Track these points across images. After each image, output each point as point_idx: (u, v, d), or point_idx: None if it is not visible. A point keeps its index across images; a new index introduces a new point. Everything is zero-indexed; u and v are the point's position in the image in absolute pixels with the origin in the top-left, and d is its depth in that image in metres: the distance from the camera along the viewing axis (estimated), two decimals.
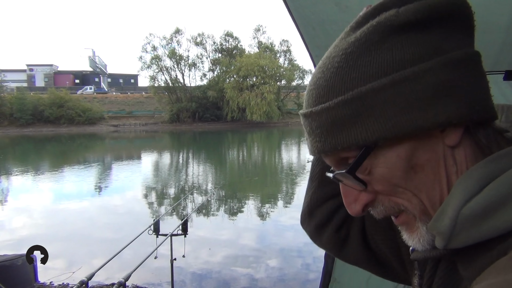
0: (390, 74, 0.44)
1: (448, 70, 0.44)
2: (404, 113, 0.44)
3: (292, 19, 1.33)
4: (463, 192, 0.43)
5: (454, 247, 0.44)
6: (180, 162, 22.22)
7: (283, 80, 52.04)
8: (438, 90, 0.44)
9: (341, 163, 0.51)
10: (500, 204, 0.41)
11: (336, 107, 0.47)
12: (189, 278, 5.84)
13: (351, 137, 0.46)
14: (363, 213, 0.52)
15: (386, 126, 0.44)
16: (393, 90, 0.44)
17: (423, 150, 0.46)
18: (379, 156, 0.47)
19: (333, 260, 2.03)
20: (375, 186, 0.49)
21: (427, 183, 0.47)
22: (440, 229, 0.45)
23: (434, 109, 0.43)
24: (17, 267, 4.55)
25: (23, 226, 9.10)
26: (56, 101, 49.14)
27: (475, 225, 0.42)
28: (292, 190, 13.15)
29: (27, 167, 19.71)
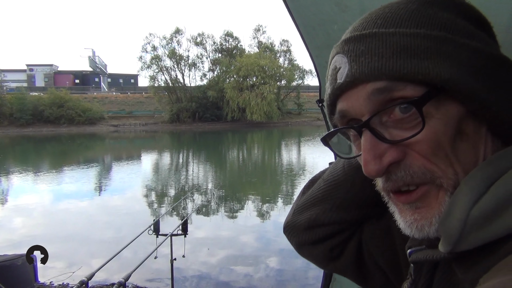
0: (470, 38, 0.46)
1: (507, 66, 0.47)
2: (486, 84, 0.44)
3: (292, 19, 1.33)
4: (471, 192, 0.42)
5: (460, 250, 0.42)
6: (180, 162, 22.22)
7: (283, 80, 52.02)
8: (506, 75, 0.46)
9: (385, 100, 0.45)
10: (508, 203, 0.40)
11: (417, 35, 0.45)
12: (189, 278, 5.84)
13: (423, 66, 0.43)
14: (382, 174, 0.46)
15: (461, 71, 0.43)
16: (473, 52, 0.45)
17: (472, 120, 0.45)
18: (440, 105, 0.44)
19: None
20: (415, 142, 0.44)
21: (467, 155, 0.45)
22: (449, 232, 0.43)
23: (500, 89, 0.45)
24: (17, 267, 4.55)
25: (23, 226, 9.10)
26: (56, 101, 49.13)
27: (484, 225, 0.41)
28: (292, 190, 13.15)
29: (27, 167, 19.71)
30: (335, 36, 1.48)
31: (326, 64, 0.56)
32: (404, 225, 0.48)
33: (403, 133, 0.45)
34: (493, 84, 0.44)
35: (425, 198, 0.46)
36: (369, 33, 0.46)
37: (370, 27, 0.47)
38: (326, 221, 0.71)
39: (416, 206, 0.47)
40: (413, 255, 0.51)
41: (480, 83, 0.43)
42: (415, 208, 0.47)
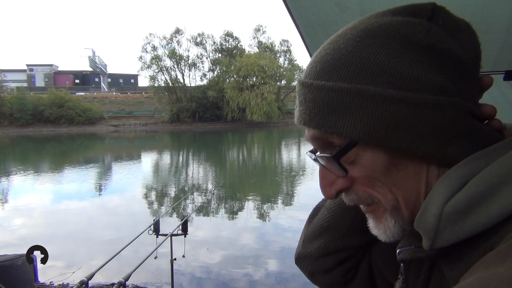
0: (405, 90, 0.44)
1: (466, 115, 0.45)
2: (407, 134, 0.44)
3: (292, 20, 1.33)
4: (445, 190, 0.44)
5: (439, 246, 0.44)
6: (180, 162, 22.22)
7: (283, 80, 52.07)
8: (452, 129, 0.45)
9: (323, 144, 0.51)
10: (481, 199, 0.42)
11: (338, 90, 0.46)
12: (189, 278, 5.84)
13: (341, 125, 0.46)
14: (335, 197, 0.53)
15: (385, 136, 0.45)
16: (405, 109, 0.44)
17: (407, 154, 0.47)
18: (367, 149, 0.47)
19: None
20: (355, 175, 0.50)
21: (406, 182, 0.48)
22: (425, 228, 0.45)
23: (440, 146, 0.45)
24: (17, 267, 4.55)
25: (23, 226, 9.10)
26: (56, 101, 49.17)
27: (458, 221, 0.43)
28: (292, 190, 13.15)
29: (27, 167, 19.71)
30: None
31: None
32: (371, 227, 0.55)
33: (346, 167, 0.49)
34: (423, 134, 0.45)
35: (376, 212, 0.53)
36: (308, 83, 0.50)
37: (311, 76, 0.50)
38: (336, 248, 0.73)
39: (372, 217, 0.54)
40: (401, 254, 0.53)
41: (403, 136, 0.45)
42: (372, 217, 0.54)
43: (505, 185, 0.41)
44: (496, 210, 0.41)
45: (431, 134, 0.45)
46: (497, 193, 0.41)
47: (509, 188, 0.41)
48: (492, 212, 0.41)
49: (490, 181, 0.42)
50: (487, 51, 1.49)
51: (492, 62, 1.64)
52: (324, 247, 0.74)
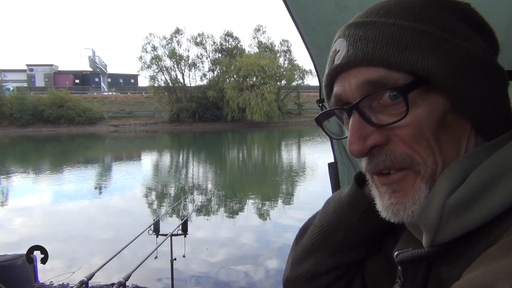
0: (475, 47, 0.48)
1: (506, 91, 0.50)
2: (472, 85, 0.46)
3: (292, 19, 1.33)
4: (447, 183, 0.44)
5: (441, 241, 0.44)
6: (180, 162, 22.22)
7: (283, 80, 52.04)
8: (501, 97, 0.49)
9: (376, 88, 0.48)
10: (482, 191, 0.42)
11: (413, 29, 0.47)
12: (189, 278, 5.84)
13: (415, 59, 0.45)
14: (364, 154, 0.49)
15: (455, 80, 0.46)
16: (474, 61, 0.47)
17: (457, 116, 0.47)
18: (425, 96, 0.46)
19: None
20: (399, 128, 0.47)
21: (449, 148, 0.47)
22: (427, 221, 0.45)
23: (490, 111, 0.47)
24: (17, 267, 4.55)
25: (23, 226, 9.10)
26: (56, 101, 49.15)
27: (461, 214, 0.43)
28: (292, 190, 13.15)
29: (27, 167, 19.71)
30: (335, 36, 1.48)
31: (326, 64, 0.58)
32: (382, 208, 0.51)
33: (389, 118, 0.47)
34: (479, 86, 0.46)
35: (402, 182, 0.48)
36: (370, 21, 0.49)
37: (373, 16, 0.50)
38: (327, 268, 0.68)
39: (393, 190, 0.49)
40: (399, 256, 0.52)
41: (466, 83, 0.46)
42: (391, 191, 0.49)
43: (505, 175, 0.41)
44: (498, 200, 0.41)
45: (488, 95, 0.47)
46: (497, 184, 0.41)
47: (509, 178, 0.41)
48: (493, 203, 0.41)
49: (490, 172, 0.42)
50: None
51: None
52: (315, 268, 0.69)
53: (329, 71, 0.54)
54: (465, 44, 0.47)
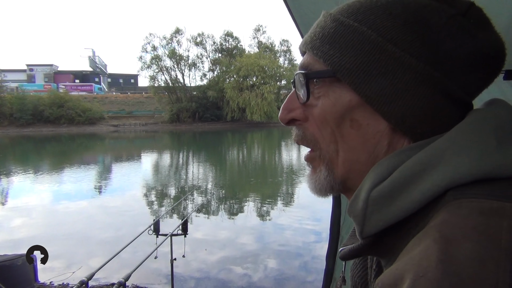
0: (396, 46, 0.46)
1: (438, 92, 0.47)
2: (381, 85, 0.47)
3: (292, 19, 1.33)
4: (374, 177, 0.46)
5: (369, 233, 0.45)
6: (180, 162, 22.22)
7: (283, 80, 52.05)
8: (422, 99, 0.46)
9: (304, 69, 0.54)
10: (403, 185, 0.43)
11: (347, 26, 0.49)
12: (189, 278, 5.84)
13: (332, 53, 0.49)
14: (287, 124, 0.55)
15: (363, 78, 0.47)
16: (388, 61, 0.47)
17: (370, 114, 0.49)
18: (335, 89, 0.50)
19: (334, 260, 2.03)
20: (313, 111, 0.52)
21: (354, 141, 0.50)
22: (355, 212, 0.47)
23: (404, 110, 0.47)
24: (17, 267, 4.54)
25: (23, 226, 9.10)
26: (56, 101, 49.16)
27: (383, 207, 0.44)
28: (292, 190, 13.15)
29: (27, 167, 19.71)
30: None
31: None
32: (307, 178, 0.56)
33: (310, 100, 0.52)
34: (393, 88, 0.46)
35: (313, 161, 0.54)
36: (328, 13, 0.53)
37: (335, 10, 0.54)
38: None
39: (310, 166, 0.56)
40: (341, 252, 0.54)
41: (377, 84, 0.47)
42: (311, 168, 0.56)
43: (425, 172, 0.42)
44: (417, 195, 0.41)
45: (401, 95, 0.46)
46: (418, 180, 0.42)
47: (429, 174, 0.42)
48: (413, 197, 0.42)
49: (412, 169, 0.43)
50: None
51: None
52: None
53: None
54: (395, 50, 0.46)
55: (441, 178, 0.41)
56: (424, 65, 0.45)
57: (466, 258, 0.32)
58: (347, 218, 2.06)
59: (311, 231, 8.04)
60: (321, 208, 9.39)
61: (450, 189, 0.40)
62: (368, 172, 0.48)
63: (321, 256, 6.36)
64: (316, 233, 7.85)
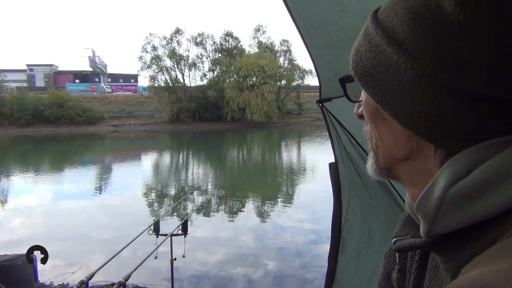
0: (398, 46, 0.44)
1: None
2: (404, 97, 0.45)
3: (292, 19, 1.33)
4: (450, 174, 0.43)
5: (438, 232, 0.43)
6: (180, 162, 22.22)
7: (283, 80, 52.02)
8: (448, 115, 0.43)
9: None
10: (486, 187, 0.40)
11: (376, 37, 0.48)
12: (189, 278, 5.84)
13: (352, 56, 0.53)
14: (359, 117, 0.59)
15: (373, 86, 0.49)
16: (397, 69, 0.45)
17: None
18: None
19: (336, 261, 2.03)
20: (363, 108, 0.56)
21: (387, 138, 0.52)
22: (425, 210, 0.44)
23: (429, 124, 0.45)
24: (17, 267, 4.54)
25: (23, 226, 9.10)
26: (56, 101, 49.14)
27: (461, 207, 0.41)
28: (291, 190, 13.15)
29: (27, 167, 19.71)
30: (335, 36, 1.48)
31: (326, 64, 0.60)
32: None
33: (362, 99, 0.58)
34: (392, 88, 0.45)
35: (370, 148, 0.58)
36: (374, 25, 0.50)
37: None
38: None
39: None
40: (396, 243, 0.53)
41: (377, 84, 0.47)
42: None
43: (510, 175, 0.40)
44: (501, 199, 0.39)
45: (403, 95, 0.44)
46: (503, 181, 0.40)
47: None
48: (496, 201, 0.39)
49: (497, 170, 0.41)
50: None
51: None
52: None
53: None
54: (395, 51, 0.44)
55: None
56: (421, 64, 0.42)
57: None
58: (348, 218, 2.06)
59: (311, 231, 8.04)
60: (321, 208, 9.39)
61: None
62: (441, 168, 0.45)
63: (321, 256, 6.36)
64: (316, 233, 7.86)
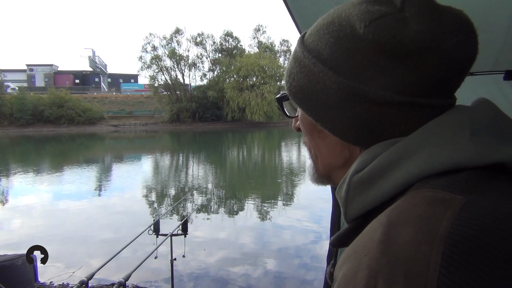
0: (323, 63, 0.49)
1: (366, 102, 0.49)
2: (318, 108, 0.51)
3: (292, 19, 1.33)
4: (357, 164, 0.48)
5: (351, 216, 0.48)
6: (180, 162, 22.22)
7: (283, 80, 51.86)
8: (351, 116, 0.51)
9: None
10: (381, 172, 0.45)
11: (300, 56, 0.54)
12: (189, 278, 5.84)
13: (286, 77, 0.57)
14: (297, 130, 0.63)
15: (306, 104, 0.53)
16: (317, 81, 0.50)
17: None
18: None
19: (335, 261, 2.03)
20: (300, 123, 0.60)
21: (323, 150, 0.56)
22: (340, 195, 0.50)
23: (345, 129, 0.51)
24: (17, 267, 4.55)
25: (23, 226, 9.11)
26: (56, 101, 49.13)
27: (362, 191, 0.46)
28: (291, 190, 13.15)
29: (27, 167, 19.71)
30: None
31: None
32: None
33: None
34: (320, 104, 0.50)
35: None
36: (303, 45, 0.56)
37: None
38: None
39: None
40: (331, 239, 0.56)
41: (308, 101, 0.52)
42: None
43: (400, 161, 0.44)
44: (391, 183, 0.44)
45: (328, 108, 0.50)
46: (394, 168, 0.44)
47: (404, 163, 0.44)
48: (388, 184, 0.44)
49: (389, 157, 0.45)
50: (487, 51, 1.49)
51: (492, 62, 1.63)
52: None
53: None
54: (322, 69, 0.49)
55: (414, 167, 0.43)
56: (342, 78, 0.47)
57: (404, 241, 0.35)
58: None
59: (310, 231, 8.04)
60: (321, 208, 9.39)
61: (423, 179, 0.42)
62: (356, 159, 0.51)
63: (321, 256, 6.36)
64: (316, 233, 7.86)
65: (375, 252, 0.35)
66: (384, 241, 0.36)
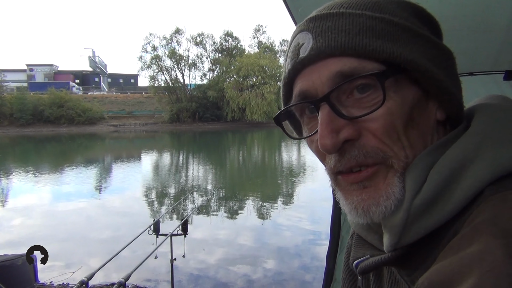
0: (421, 32, 0.48)
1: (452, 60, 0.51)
2: (431, 59, 0.47)
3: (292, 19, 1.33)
4: (412, 183, 0.44)
5: (406, 243, 0.43)
6: (180, 162, 22.21)
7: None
8: (451, 67, 0.51)
9: (346, 77, 0.45)
10: (446, 187, 0.42)
11: (381, 19, 0.46)
12: (189, 278, 5.84)
13: (387, 46, 0.44)
14: (337, 150, 0.45)
15: (420, 56, 0.46)
16: (427, 41, 0.48)
17: (422, 110, 0.47)
18: (398, 89, 0.45)
19: (334, 260, 2.03)
20: (369, 123, 0.45)
21: (418, 142, 0.46)
22: (394, 223, 0.44)
23: (447, 74, 0.49)
24: (17, 267, 4.55)
25: (23, 226, 9.10)
26: (56, 101, 49.14)
27: (426, 213, 0.42)
28: (291, 191, 13.14)
29: (27, 167, 19.70)
30: None
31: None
32: (350, 208, 0.47)
33: (360, 111, 0.45)
34: (445, 70, 0.49)
35: (373, 178, 0.46)
36: (336, 12, 0.47)
37: (337, 8, 0.48)
38: None
39: (364, 186, 0.46)
40: (360, 265, 0.51)
41: (436, 68, 0.47)
42: (362, 187, 0.46)
43: (464, 169, 0.41)
44: (460, 195, 0.40)
45: (455, 81, 0.50)
46: (459, 178, 0.41)
47: (469, 170, 0.41)
48: (457, 198, 0.40)
49: (450, 167, 0.42)
50: (487, 51, 1.49)
51: (492, 62, 1.63)
52: None
53: (292, 65, 0.51)
54: (425, 33, 0.48)
55: (482, 173, 0.40)
56: (450, 52, 0.50)
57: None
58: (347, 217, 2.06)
59: (310, 231, 8.03)
60: (321, 208, 9.39)
61: (489, 184, 0.39)
62: (406, 178, 0.45)
63: (321, 256, 6.36)
64: (316, 233, 7.85)
65: (503, 267, 0.31)
66: (511, 253, 0.32)
